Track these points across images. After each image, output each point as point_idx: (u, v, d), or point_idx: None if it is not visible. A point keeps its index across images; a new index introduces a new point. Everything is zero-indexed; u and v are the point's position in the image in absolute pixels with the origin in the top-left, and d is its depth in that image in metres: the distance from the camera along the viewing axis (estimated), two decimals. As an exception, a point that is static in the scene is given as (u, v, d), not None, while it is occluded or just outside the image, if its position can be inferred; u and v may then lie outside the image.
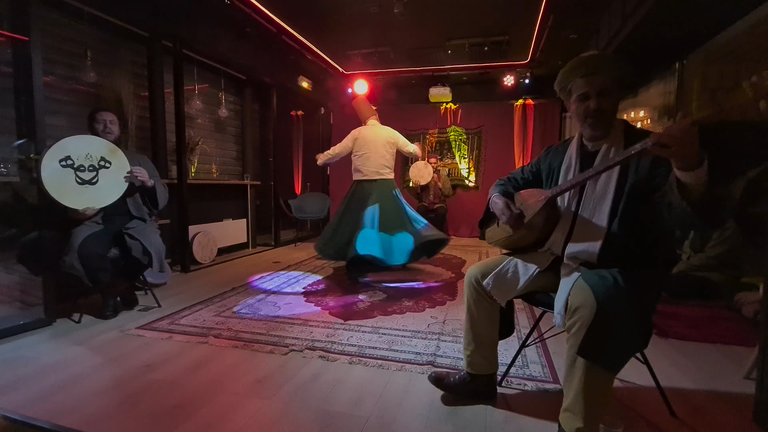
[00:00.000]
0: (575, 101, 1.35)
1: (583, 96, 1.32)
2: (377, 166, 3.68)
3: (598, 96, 1.29)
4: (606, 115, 1.31)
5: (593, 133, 1.36)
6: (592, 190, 1.33)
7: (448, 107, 6.50)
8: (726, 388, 1.72)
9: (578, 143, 1.44)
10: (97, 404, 1.56)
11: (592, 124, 1.33)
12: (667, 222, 1.16)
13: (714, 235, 2.81)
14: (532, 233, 1.48)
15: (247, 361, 1.95)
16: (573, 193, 1.40)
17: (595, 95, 1.29)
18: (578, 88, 1.32)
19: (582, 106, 1.33)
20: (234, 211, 5.09)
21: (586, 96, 1.31)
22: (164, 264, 2.61)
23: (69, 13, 3.20)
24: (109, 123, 2.53)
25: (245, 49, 4.76)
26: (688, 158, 0.99)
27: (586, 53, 1.36)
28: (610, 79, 1.29)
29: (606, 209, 1.29)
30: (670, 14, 2.95)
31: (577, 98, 1.34)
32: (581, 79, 1.31)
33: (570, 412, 1.20)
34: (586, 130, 1.37)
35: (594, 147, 1.38)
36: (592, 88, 1.29)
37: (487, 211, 1.65)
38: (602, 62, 1.31)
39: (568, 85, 1.36)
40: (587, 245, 1.32)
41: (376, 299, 2.99)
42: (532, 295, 1.54)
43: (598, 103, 1.29)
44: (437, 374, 1.65)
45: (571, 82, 1.35)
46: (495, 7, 3.92)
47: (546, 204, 1.39)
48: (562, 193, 1.37)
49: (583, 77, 1.31)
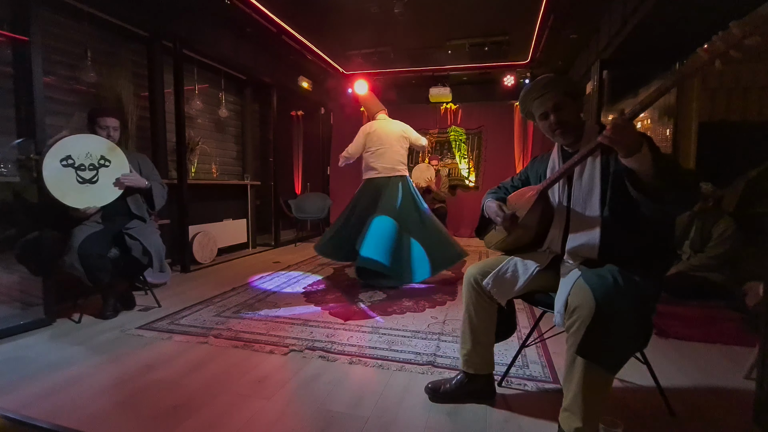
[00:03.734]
0: (539, 120, 1.49)
1: (543, 115, 1.46)
2: (393, 162, 3.53)
3: (554, 111, 1.42)
4: (569, 124, 1.42)
5: (565, 142, 1.47)
6: (579, 183, 1.40)
7: (448, 107, 6.50)
8: (726, 388, 1.72)
9: (559, 149, 1.54)
10: (97, 404, 1.57)
11: (561, 134, 1.44)
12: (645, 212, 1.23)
13: (714, 235, 2.81)
14: (529, 232, 1.50)
15: (247, 361, 1.95)
16: (563, 189, 1.45)
17: (552, 111, 1.42)
18: (536, 109, 1.47)
19: (546, 124, 1.46)
20: (234, 211, 5.09)
21: (546, 114, 1.45)
22: (164, 264, 2.61)
23: (69, 13, 3.20)
24: (113, 130, 2.50)
25: (245, 49, 4.76)
26: (627, 145, 1.11)
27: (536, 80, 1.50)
28: (560, 94, 1.42)
29: (596, 199, 1.35)
30: (670, 14, 2.95)
31: (539, 118, 1.48)
32: (536, 101, 1.47)
33: (569, 412, 1.21)
34: (559, 140, 1.49)
35: (573, 150, 1.46)
36: (546, 107, 1.43)
37: (482, 218, 1.71)
38: (547, 83, 1.44)
39: (530, 109, 1.52)
40: (586, 238, 1.34)
41: (376, 299, 2.99)
42: (531, 294, 1.54)
43: (557, 117, 1.42)
44: (434, 385, 1.62)
45: (530, 107, 1.51)
46: (495, 7, 3.92)
47: (539, 198, 1.44)
48: (551, 184, 1.44)
49: (536, 99, 1.46)
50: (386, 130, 3.58)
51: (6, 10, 2.32)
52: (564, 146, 1.51)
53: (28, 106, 2.33)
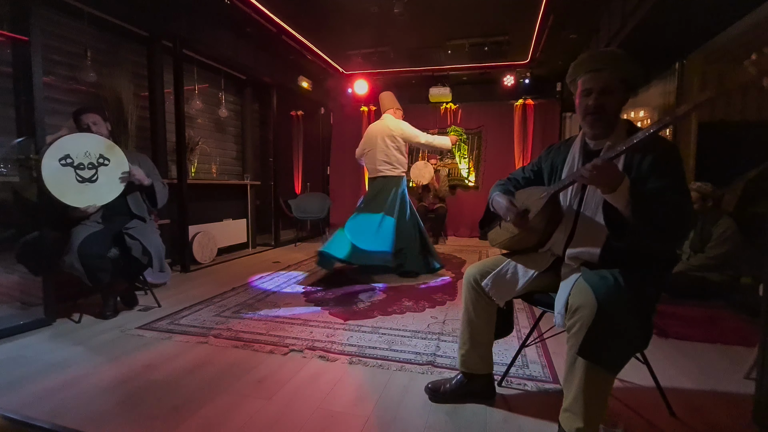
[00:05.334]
0: (579, 96, 1.36)
1: (586, 92, 1.32)
2: (376, 163, 3.56)
3: (600, 93, 1.29)
4: (606, 113, 1.31)
5: (593, 131, 1.36)
6: (594, 189, 1.32)
7: (448, 107, 6.49)
8: (726, 388, 1.72)
9: (581, 141, 1.43)
10: (97, 404, 1.57)
11: (591, 122, 1.33)
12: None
13: (714, 235, 2.81)
14: (535, 233, 1.46)
15: (247, 361, 1.95)
16: (575, 193, 1.39)
17: (597, 92, 1.30)
18: (583, 83, 1.33)
19: (583, 102, 1.34)
20: (234, 211, 5.09)
21: (589, 92, 1.31)
22: (164, 264, 2.61)
23: (69, 13, 3.20)
24: (92, 125, 2.45)
25: (245, 49, 4.75)
26: (606, 184, 1.15)
27: (600, 50, 1.35)
28: (615, 78, 1.29)
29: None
30: (669, 14, 2.95)
31: (580, 93, 1.35)
32: (587, 74, 1.32)
33: (570, 412, 1.21)
34: (586, 127, 1.37)
35: (596, 146, 1.37)
36: (595, 85, 1.30)
37: (487, 211, 1.63)
38: (610, 59, 1.30)
39: (577, 78, 1.37)
40: (591, 245, 1.32)
41: (376, 299, 2.99)
42: (531, 294, 1.53)
43: (599, 101, 1.29)
44: (434, 385, 1.62)
45: (578, 76, 1.36)
46: (495, 7, 3.92)
47: (549, 201, 1.37)
48: (563, 188, 1.36)
49: (588, 73, 1.31)
50: (373, 131, 3.64)
51: (6, 10, 2.32)
52: (587, 138, 1.40)
53: (28, 106, 2.33)
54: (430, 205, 5.88)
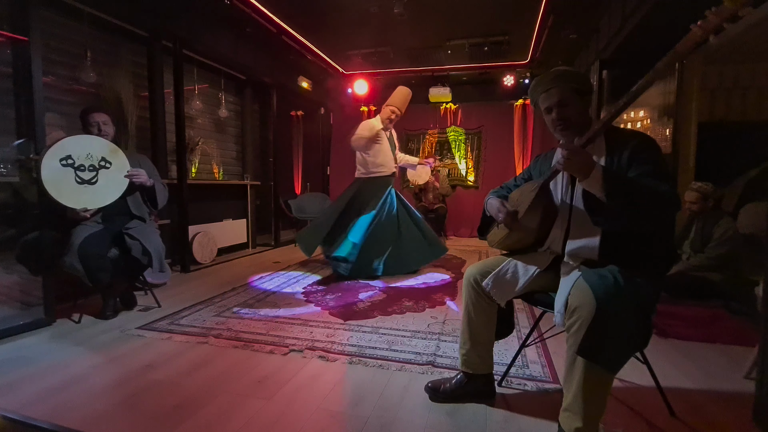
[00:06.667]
0: (544, 114, 1.49)
1: (547, 110, 1.45)
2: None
3: (559, 107, 1.41)
4: (571, 122, 1.41)
5: (567, 140, 1.44)
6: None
7: (448, 107, 6.50)
8: (726, 388, 1.72)
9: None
10: (97, 404, 1.57)
11: (562, 132, 1.44)
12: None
13: (715, 235, 2.81)
14: (531, 232, 1.50)
15: (247, 361, 1.95)
16: (566, 189, 1.44)
17: (556, 107, 1.42)
18: (542, 102, 1.47)
19: (549, 118, 1.46)
20: (234, 211, 5.09)
21: (549, 109, 1.44)
22: (164, 264, 2.61)
23: (69, 13, 3.20)
24: (102, 124, 2.47)
25: (245, 49, 4.76)
26: (580, 170, 1.21)
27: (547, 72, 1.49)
28: (566, 90, 1.41)
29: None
30: (669, 14, 2.95)
31: (544, 112, 1.48)
32: (542, 95, 1.46)
33: (570, 412, 1.21)
34: (560, 138, 1.48)
35: None
36: (552, 102, 1.42)
37: (483, 217, 1.70)
38: (555, 77, 1.43)
39: (536, 101, 1.51)
40: (588, 239, 1.34)
41: (376, 299, 2.99)
42: (531, 294, 1.54)
43: (560, 114, 1.41)
44: (434, 384, 1.63)
45: (536, 99, 1.50)
46: (495, 7, 3.92)
47: (539, 193, 1.43)
48: (550, 178, 1.43)
49: (542, 93, 1.45)
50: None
51: (6, 10, 2.32)
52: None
53: (28, 106, 2.33)
54: (429, 205, 5.88)
